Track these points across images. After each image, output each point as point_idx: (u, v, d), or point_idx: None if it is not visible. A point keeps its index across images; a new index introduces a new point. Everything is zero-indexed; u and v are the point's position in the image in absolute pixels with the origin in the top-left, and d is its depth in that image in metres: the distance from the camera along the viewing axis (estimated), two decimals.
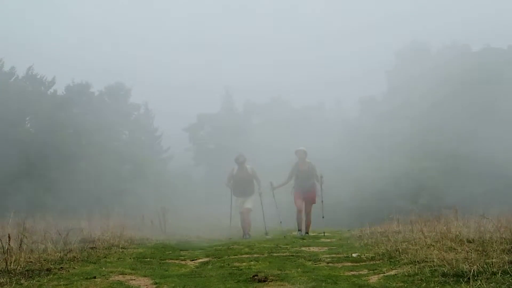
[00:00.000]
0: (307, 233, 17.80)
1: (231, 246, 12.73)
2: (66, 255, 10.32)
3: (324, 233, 18.08)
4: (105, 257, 10.77)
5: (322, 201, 18.62)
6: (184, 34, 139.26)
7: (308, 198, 18.29)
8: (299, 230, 18.02)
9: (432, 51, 69.82)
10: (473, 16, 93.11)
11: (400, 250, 9.60)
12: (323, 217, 18.81)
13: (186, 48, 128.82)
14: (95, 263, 9.89)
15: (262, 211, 18.98)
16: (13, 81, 47.13)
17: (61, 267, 9.04)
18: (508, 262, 7.42)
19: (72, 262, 9.68)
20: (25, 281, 7.75)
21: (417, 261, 8.38)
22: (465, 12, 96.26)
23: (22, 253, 9.36)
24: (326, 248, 12.18)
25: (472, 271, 6.95)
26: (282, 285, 7.42)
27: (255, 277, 7.90)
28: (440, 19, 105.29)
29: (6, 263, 8.54)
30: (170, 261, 10.55)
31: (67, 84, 59.88)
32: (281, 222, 19.09)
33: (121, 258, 10.65)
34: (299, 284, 7.40)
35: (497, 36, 66.54)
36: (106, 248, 12.14)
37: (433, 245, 9.58)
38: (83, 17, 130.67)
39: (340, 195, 51.77)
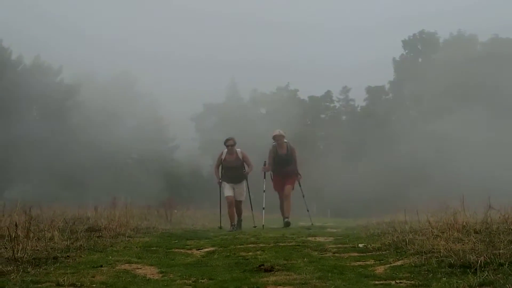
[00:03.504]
0: (287, 217, 17.15)
1: (237, 236, 12.73)
2: (72, 243, 10.33)
3: (312, 224, 17.90)
4: (111, 246, 10.76)
5: (303, 196, 18.32)
6: (191, 17, 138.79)
7: (287, 183, 17.66)
8: (286, 217, 17.35)
9: (440, 41, 69.55)
10: (480, 6, 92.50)
11: (407, 241, 9.56)
12: (308, 211, 18.54)
13: (192, 32, 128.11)
14: (101, 251, 9.89)
15: (249, 198, 18.35)
16: (21, 70, 47.14)
17: (68, 256, 9.04)
18: None
19: (78, 251, 9.68)
20: (32, 269, 7.75)
21: (424, 252, 8.36)
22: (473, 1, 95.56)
23: (29, 241, 9.35)
24: (332, 238, 12.16)
25: (479, 262, 6.92)
26: (288, 274, 7.41)
27: (261, 266, 7.89)
28: (447, 8, 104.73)
29: (13, 251, 8.54)
30: (176, 250, 10.54)
31: (73, 72, 59.90)
32: (263, 208, 18.23)
33: (127, 247, 10.65)
34: (305, 274, 7.39)
35: (505, 26, 66.11)
36: (112, 237, 12.14)
37: (439, 236, 9.55)
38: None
39: (347, 186, 51.93)
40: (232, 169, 17.26)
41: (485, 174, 46.48)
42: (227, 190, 17.25)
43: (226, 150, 17.37)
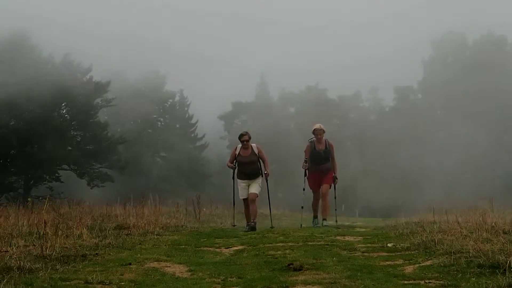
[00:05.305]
0: (325, 219, 16.52)
1: (266, 235, 12.68)
2: (101, 241, 10.41)
3: (336, 221, 17.44)
4: (140, 243, 10.82)
5: (335, 197, 17.44)
6: (221, 14, 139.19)
7: (325, 181, 16.84)
8: (315, 217, 16.89)
9: (469, 42, 69.05)
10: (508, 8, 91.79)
11: (436, 241, 9.53)
12: (335, 210, 17.55)
13: (222, 30, 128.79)
14: (130, 249, 9.95)
15: (268, 197, 17.67)
16: (50, 68, 47.24)
17: (96, 253, 9.11)
18: None
19: (107, 249, 9.76)
20: (61, 267, 7.82)
21: (453, 252, 8.33)
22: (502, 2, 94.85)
23: (58, 239, 9.44)
24: (361, 237, 12.08)
25: (508, 263, 6.89)
26: (317, 274, 7.41)
27: (291, 265, 7.89)
28: (475, 8, 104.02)
29: (42, 248, 8.61)
30: (205, 248, 10.56)
31: (103, 70, 59.92)
32: (302, 207, 17.61)
33: (156, 245, 10.70)
34: (335, 273, 7.39)
35: None
36: (141, 235, 12.20)
37: (468, 236, 9.52)
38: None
39: (375, 185, 51.78)
40: (247, 164, 16.53)
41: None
42: (242, 192, 16.63)
43: (240, 145, 16.75)
